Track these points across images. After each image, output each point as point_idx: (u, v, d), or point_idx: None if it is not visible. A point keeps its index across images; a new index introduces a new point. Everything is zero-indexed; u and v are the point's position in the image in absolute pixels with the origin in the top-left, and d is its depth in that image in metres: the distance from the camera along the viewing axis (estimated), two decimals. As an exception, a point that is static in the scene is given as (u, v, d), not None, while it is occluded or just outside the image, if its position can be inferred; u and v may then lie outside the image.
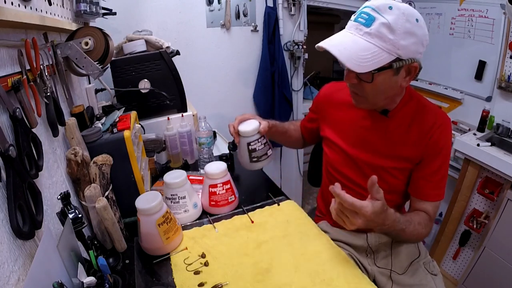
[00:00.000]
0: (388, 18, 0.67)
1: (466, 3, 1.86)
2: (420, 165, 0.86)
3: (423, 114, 0.85)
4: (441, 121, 0.84)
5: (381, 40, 0.68)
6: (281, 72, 2.09)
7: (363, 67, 0.69)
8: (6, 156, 0.46)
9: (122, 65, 1.25)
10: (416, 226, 0.80)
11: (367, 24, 0.69)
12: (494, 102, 1.81)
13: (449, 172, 2.04)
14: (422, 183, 0.86)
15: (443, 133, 0.83)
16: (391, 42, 0.68)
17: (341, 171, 0.98)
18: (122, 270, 0.77)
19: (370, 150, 0.91)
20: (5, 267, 0.43)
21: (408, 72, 0.76)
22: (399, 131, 0.86)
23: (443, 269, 1.93)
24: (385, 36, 0.68)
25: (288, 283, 0.70)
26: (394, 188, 0.91)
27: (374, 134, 0.89)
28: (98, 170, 0.79)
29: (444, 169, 0.86)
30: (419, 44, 0.71)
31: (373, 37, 0.69)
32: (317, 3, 2.11)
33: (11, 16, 0.50)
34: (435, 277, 0.89)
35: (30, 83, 0.60)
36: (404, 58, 0.70)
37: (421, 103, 0.86)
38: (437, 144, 0.83)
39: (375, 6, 0.69)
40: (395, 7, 0.68)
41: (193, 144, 1.34)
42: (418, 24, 0.70)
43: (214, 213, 0.96)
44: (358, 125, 0.92)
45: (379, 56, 0.69)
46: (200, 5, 1.81)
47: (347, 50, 0.70)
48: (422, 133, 0.83)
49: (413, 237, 0.82)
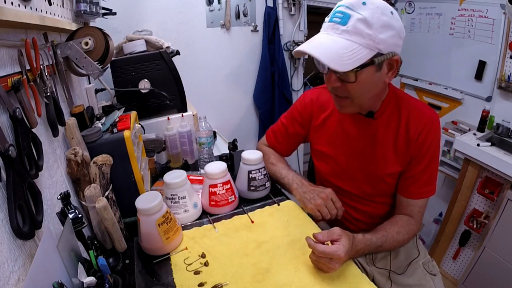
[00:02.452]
0: (363, 13, 0.66)
1: (466, 3, 1.85)
2: (409, 165, 0.85)
3: (410, 115, 0.83)
4: (429, 120, 0.82)
5: (359, 36, 0.67)
6: (281, 72, 2.09)
7: (346, 65, 0.67)
8: (6, 156, 0.46)
9: (122, 65, 1.25)
10: (395, 236, 0.80)
11: (343, 22, 0.68)
12: (494, 102, 1.81)
13: (449, 172, 2.05)
14: (409, 182, 0.86)
15: (431, 131, 0.82)
16: (370, 37, 0.67)
17: (332, 182, 0.97)
18: (122, 270, 0.77)
19: (359, 158, 0.89)
20: (5, 267, 0.43)
21: (390, 67, 0.74)
22: (387, 135, 0.85)
23: (443, 269, 1.93)
24: (363, 31, 0.67)
25: (288, 283, 0.70)
26: (385, 192, 0.91)
27: (363, 140, 0.88)
28: (98, 170, 0.79)
29: (433, 167, 0.85)
30: (397, 36, 0.70)
31: (351, 34, 0.68)
32: (317, 3, 2.11)
33: (11, 16, 0.50)
34: (434, 277, 0.89)
35: (30, 83, 0.60)
36: (385, 52, 0.69)
37: (408, 103, 0.85)
38: (424, 143, 0.82)
39: (348, 4, 0.68)
40: (369, 1, 0.67)
41: (193, 144, 1.34)
42: (394, 16, 0.69)
43: (214, 213, 0.96)
44: (345, 132, 0.90)
45: (360, 53, 0.67)
46: (200, 5, 1.82)
47: (328, 50, 0.68)
48: (410, 134, 0.82)
49: (394, 248, 0.83)
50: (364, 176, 0.90)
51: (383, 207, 0.94)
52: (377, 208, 0.93)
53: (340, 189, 0.94)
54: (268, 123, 2.20)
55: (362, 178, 0.90)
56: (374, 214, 0.95)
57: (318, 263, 0.71)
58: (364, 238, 0.76)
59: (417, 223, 0.87)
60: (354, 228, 0.97)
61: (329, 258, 0.68)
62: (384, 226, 0.84)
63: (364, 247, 0.75)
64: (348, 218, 0.98)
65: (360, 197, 0.93)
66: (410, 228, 0.84)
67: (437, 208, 2.18)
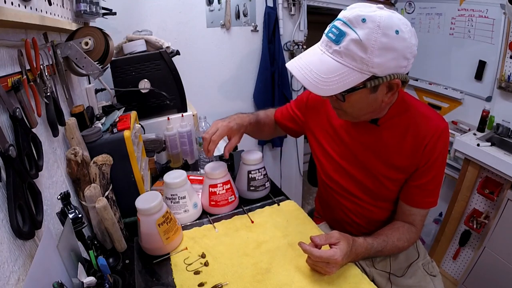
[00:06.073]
0: (359, 33, 0.60)
1: (466, 3, 1.86)
2: (415, 174, 0.82)
3: (419, 123, 0.79)
4: (437, 129, 0.78)
5: (350, 59, 0.62)
6: (281, 72, 2.09)
7: (330, 90, 0.64)
8: (6, 156, 0.46)
9: (122, 65, 1.25)
10: (395, 243, 0.80)
11: (336, 40, 0.63)
12: (494, 102, 1.81)
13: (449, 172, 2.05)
14: (415, 191, 0.83)
15: (439, 141, 0.78)
16: (363, 60, 0.61)
17: (333, 178, 0.95)
18: (122, 270, 0.77)
19: (361, 160, 0.87)
20: (5, 267, 0.43)
21: (390, 88, 0.69)
22: (392, 141, 0.81)
23: (443, 269, 1.93)
24: (355, 54, 0.61)
25: (288, 283, 0.70)
26: (387, 197, 0.89)
27: (365, 144, 0.85)
28: (98, 170, 0.79)
29: (439, 178, 0.82)
30: (400, 58, 0.63)
31: (342, 55, 0.63)
32: (317, 3, 2.10)
33: (11, 16, 0.50)
34: (434, 278, 0.89)
35: (30, 83, 0.60)
36: (381, 76, 0.64)
37: (417, 110, 0.80)
38: (433, 153, 0.78)
39: (346, 19, 0.62)
40: (370, 19, 0.60)
41: (193, 144, 1.34)
42: (399, 36, 0.61)
43: (214, 213, 0.96)
44: (349, 134, 0.88)
45: (349, 77, 0.63)
46: (200, 5, 1.81)
47: (312, 73, 0.65)
48: (418, 142, 0.78)
49: (393, 252, 0.83)
50: (365, 177, 0.89)
51: (384, 212, 0.92)
52: (378, 213, 0.92)
53: (342, 186, 0.93)
54: (268, 123, 2.20)
55: (363, 177, 0.89)
56: (375, 219, 0.94)
57: (315, 267, 0.71)
58: (365, 242, 0.75)
59: (417, 231, 0.86)
60: (355, 232, 0.97)
61: (326, 262, 0.67)
62: (385, 231, 0.82)
63: (364, 252, 0.74)
64: (349, 222, 0.97)
65: (362, 199, 0.91)
66: (411, 236, 0.83)
67: (437, 208, 2.17)
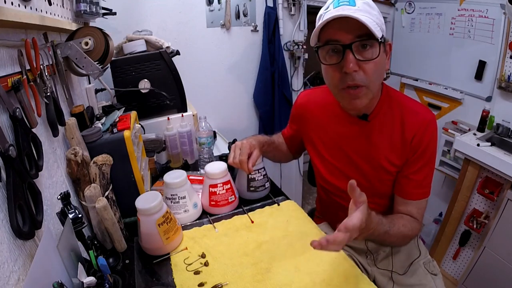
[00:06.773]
0: None
1: (466, 3, 1.86)
2: (404, 166, 0.84)
3: (404, 116, 0.82)
4: (424, 121, 0.81)
5: (370, 14, 0.68)
6: (281, 72, 2.09)
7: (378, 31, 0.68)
8: (6, 156, 0.46)
9: (122, 65, 1.25)
10: (401, 228, 0.79)
11: (352, 3, 0.69)
12: (494, 102, 1.81)
13: (449, 172, 2.05)
14: (404, 182, 0.85)
15: (427, 132, 0.80)
16: (376, 17, 0.69)
17: (330, 181, 0.96)
18: (122, 270, 0.77)
19: (354, 159, 0.89)
20: (5, 267, 0.43)
21: (386, 52, 0.76)
22: (382, 137, 0.84)
23: (443, 269, 1.93)
24: (370, 11, 0.69)
25: (288, 283, 0.70)
26: (383, 193, 0.90)
27: (357, 142, 0.87)
28: (98, 170, 0.79)
29: (429, 168, 0.84)
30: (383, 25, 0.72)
31: (364, 12, 0.68)
32: (317, 3, 2.10)
33: (11, 16, 0.50)
34: (435, 277, 0.89)
35: (30, 83, 0.60)
36: (384, 36, 0.71)
37: (401, 104, 0.84)
38: (421, 144, 0.81)
39: None
40: None
41: (193, 144, 1.34)
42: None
43: (214, 213, 0.96)
44: (339, 133, 0.90)
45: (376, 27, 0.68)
46: (200, 5, 1.81)
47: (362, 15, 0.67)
48: (405, 136, 0.81)
49: (398, 239, 0.81)
50: (359, 175, 0.89)
51: (382, 209, 0.93)
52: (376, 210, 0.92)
53: (339, 189, 0.94)
54: (268, 123, 2.20)
55: (358, 176, 0.89)
56: None
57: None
58: (377, 216, 0.71)
59: (419, 223, 0.86)
60: None
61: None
62: (391, 216, 0.83)
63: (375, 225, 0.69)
64: None
65: None
66: (413, 226, 0.83)
67: (437, 208, 2.18)
